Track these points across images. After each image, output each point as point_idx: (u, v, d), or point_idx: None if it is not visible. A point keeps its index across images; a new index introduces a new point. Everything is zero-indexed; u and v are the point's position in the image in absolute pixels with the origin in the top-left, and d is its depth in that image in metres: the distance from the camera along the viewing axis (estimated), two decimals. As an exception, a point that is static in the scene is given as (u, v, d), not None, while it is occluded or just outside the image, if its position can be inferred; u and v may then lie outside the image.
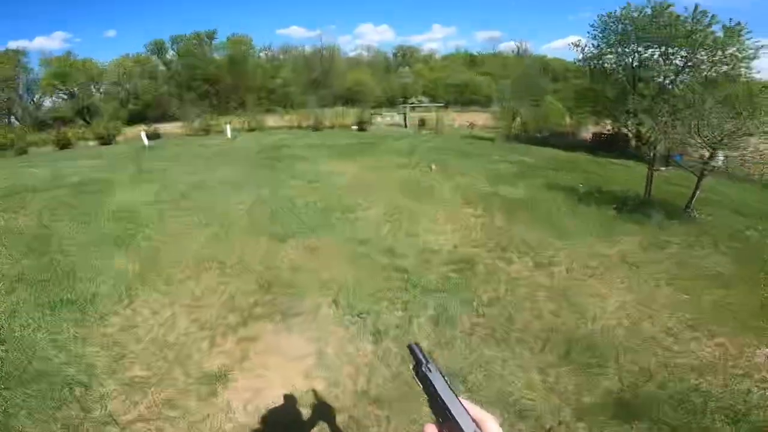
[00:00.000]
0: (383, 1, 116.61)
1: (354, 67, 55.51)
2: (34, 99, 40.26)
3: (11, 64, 36.81)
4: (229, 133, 22.03)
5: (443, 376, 0.69)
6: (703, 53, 18.20)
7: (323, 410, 3.02)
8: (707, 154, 7.32)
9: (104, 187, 9.79)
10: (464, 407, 0.67)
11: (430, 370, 0.70)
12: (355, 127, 25.48)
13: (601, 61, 21.52)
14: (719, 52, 17.80)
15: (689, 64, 18.87)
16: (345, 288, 4.74)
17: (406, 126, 27.11)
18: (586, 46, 21.76)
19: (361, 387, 3.26)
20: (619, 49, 20.35)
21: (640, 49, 19.81)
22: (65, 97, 39.67)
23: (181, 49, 44.79)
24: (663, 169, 8.28)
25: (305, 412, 3.03)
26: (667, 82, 19.71)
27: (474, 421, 0.66)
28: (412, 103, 33.08)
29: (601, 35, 21.15)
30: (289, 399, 3.15)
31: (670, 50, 18.96)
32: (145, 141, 19.48)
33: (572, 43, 22.09)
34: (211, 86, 43.17)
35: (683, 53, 18.77)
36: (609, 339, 3.92)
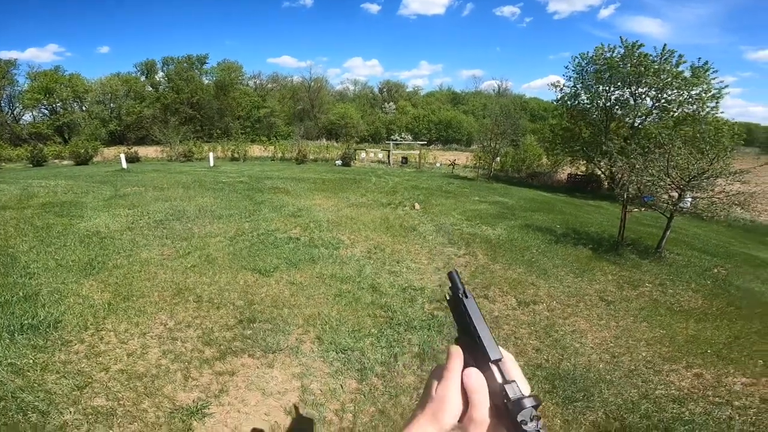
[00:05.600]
0: (373, 37, 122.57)
1: (340, 101, 56.85)
2: (14, 112, 39.11)
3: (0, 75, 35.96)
4: (211, 161, 21.89)
5: (477, 305, 0.65)
6: (671, 93, 19.01)
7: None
8: (676, 195, 7.69)
9: (76, 209, 9.42)
10: (493, 336, 0.61)
11: (466, 296, 0.65)
12: (339, 162, 25.80)
13: (576, 102, 22.32)
14: (686, 92, 18.60)
15: (657, 105, 19.74)
16: (328, 324, 4.63)
17: (389, 163, 27.64)
18: (564, 86, 22.64)
19: (346, 424, 3.12)
20: (593, 89, 21.17)
21: (612, 89, 20.62)
22: (46, 112, 38.73)
23: (171, 72, 44.82)
24: (635, 210, 8.66)
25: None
26: (638, 122, 20.52)
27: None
28: (395, 140, 33.92)
29: (575, 76, 22.06)
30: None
31: (641, 90, 19.84)
32: (124, 163, 19.12)
33: (552, 84, 23.01)
34: (197, 111, 43.09)
35: (652, 93, 19.61)
36: (591, 373, 3.95)
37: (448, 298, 0.67)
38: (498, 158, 23.93)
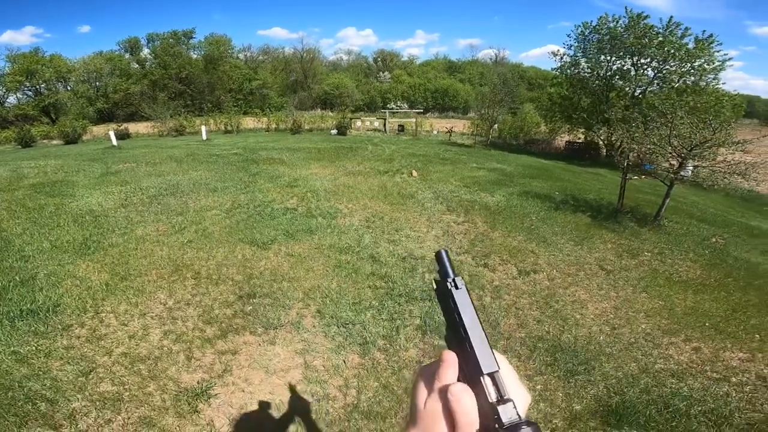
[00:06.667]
0: (367, 6, 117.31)
1: (333, 71, 55.51)
2: (-3, 95, 38.41)
3: (-22, 60, 35.44)
4: (204, 135, 21.41)
5: (471, 299, 0.53)
6: (672, 64, 18.96)
7: (312, 424, 2.90)
8: (676, 163, 7.60)
9: (68, 188, 9.23)
10: (488, 341, 0.50)
11: (456, 287, 0.53)
12: (334, 131, 25.38)
13: (576, 70, 22.21)
14: (688, 64, 18.60)
15: (658, 75, 19.65)
16: (329, 297, 4.61)
17: (385, 131, 27.20)
18: (564, 55, 22.49)
19: (351, 400, 3.15)
20: (594, 59, 21.06)
21: (613, 58, 20.56)
22: (30, 94, 38.08)
23: (157, 48, 43.50)
24: (635, 177, 8.58)
25: (293, 428, 2.90)
26: (639, 92, 20.48)
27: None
28: (391, 108, 33.21)
29: (577, 45, 21.90)
30: (276, 414, 3.00)
31: (642, 61, 19.68)
32: (114, 140, 18.71)
33: (551, 52, 22.82)
34: (186, 86, 42.05)
35: (654, 64, 19.53)
36: (592, 346, 3.98)
37: (435, 285, 0.55)
38: (495, 125, 23.57)
